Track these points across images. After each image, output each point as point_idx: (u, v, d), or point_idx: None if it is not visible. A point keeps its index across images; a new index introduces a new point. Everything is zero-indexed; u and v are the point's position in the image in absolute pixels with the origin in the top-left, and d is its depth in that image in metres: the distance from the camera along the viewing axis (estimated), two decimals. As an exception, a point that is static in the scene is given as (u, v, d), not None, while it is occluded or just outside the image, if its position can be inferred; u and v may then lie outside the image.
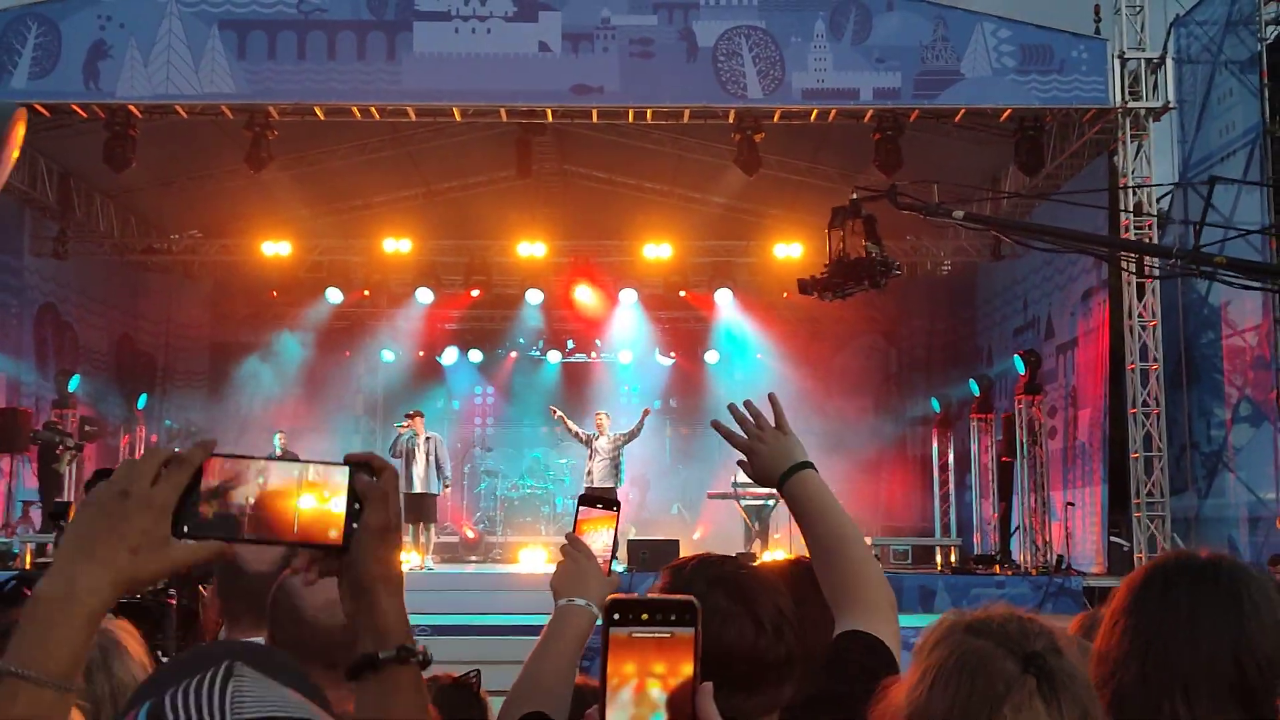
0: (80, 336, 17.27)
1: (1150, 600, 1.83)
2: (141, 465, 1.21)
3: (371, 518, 1.26)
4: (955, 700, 1.47)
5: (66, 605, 1.16)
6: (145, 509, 1.18)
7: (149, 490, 1.19)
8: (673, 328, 20.78)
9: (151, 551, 1.19)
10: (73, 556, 1.18)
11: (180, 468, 1.21)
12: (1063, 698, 1.46)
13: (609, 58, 13.15)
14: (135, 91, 13.11)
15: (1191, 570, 1.85)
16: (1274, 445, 13.00)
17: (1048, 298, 15.98)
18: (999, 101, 13.31)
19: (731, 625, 1.89)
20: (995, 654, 1.48)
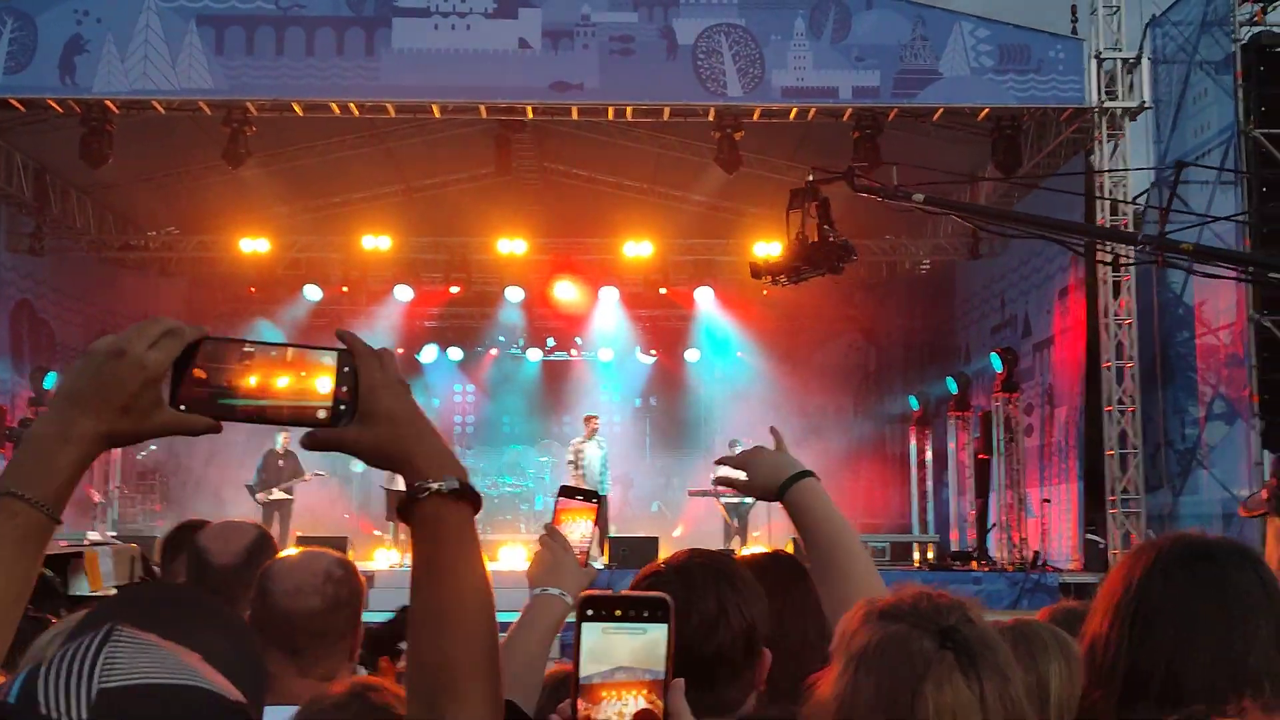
0: (56, 333, 17.16)
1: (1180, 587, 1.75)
2: (141, 330, 1.25)
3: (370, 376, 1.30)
4: (879, 685, 1.49)
5: (61, 444, 1.22)
6: (138, 371, 1.23)
7: (144, 353, 1.23)
8: (653, 325, 20.81)
9: (140, 413, 1.24)
10: (67, 403, 1.24)
11: (175, 339, 1.26)
12: (981, 666, 1.48)
13: (589, 55, 13.15)
14: (112, 87, 13.03)
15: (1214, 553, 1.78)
16: (1248, 442, 13.11)
17: (1025, 296, 16.07)
18: (977, 100, 13.37)
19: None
20: (911, 635, 1.50)
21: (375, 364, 1.31)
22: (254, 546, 2.89)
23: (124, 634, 1.01)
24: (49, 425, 1.25)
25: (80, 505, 17.19)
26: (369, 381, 1.30)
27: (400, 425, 1.32)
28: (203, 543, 2.92)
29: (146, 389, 1.24)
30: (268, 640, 2.36)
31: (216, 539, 2.94)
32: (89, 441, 1.24)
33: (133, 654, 0.99)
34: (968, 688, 1.47)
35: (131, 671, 0.96)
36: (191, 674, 1.00)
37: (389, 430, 1.31)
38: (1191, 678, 1.70)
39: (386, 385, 1.30)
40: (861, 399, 21.25)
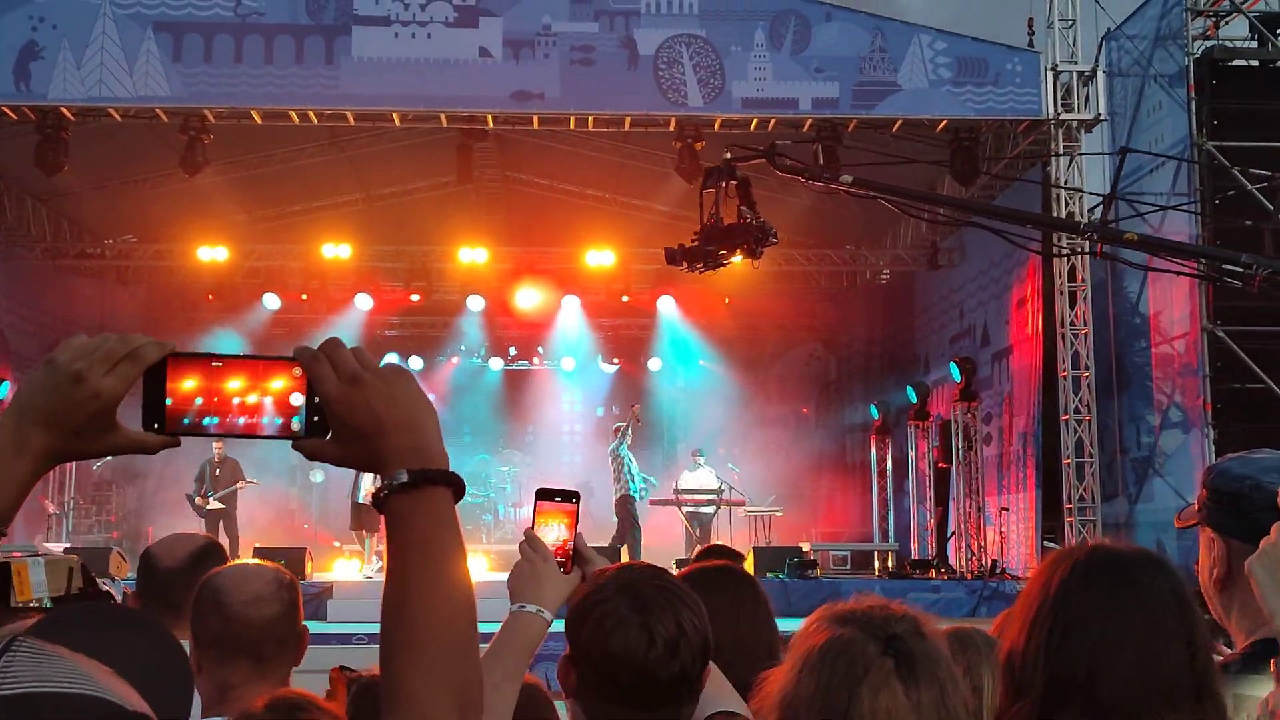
0: (11, 341, 16.93)
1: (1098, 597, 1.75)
2: (100, 352, 1.25)
3: (322, 389, 1.28)
4: (819, 684, 1.52)
5: (13, 458, 1.23)
6: (93, 399, 1.23)
7: (100, 380, 1.23)
8: (615, 334, 20.83)
9: (92, 436, 1.25)
10: (22, 417, 1.24)
11: (135, 364, 1.26)
12: (920, 676, 1.51)
13: (550, 64, 13.16)
14: (68, 94, 12.90)
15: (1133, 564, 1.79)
16: (1203, 451, 13.28)
17: (984, 306, 16.22)
18: (935, 112, 13.50)
19: (621, 632, 1.87)
20: (857, 639, 1.54)
21: (324, 373, 1.28)
22: (199, 554, 2.95)
23: (25, 644, 1.00)
24: (3, 436, 1.24)
25: (33, 515, 16.97)
26: (323, 396, 1.28)
27: (365, 439, 1.29)
28: (153, 549, 3.04)
29: (100, 416, 1.24)
30: (232, 650, 2.42)
31: (165, 545, 3.06)
32: (41, 457, 1.24)
33: (31, 663, 0.98)
34: (905, 695, 1.50)
35: (26, 679, 0.95)
36: (89, 683, 0.98)
37: (356, 444, 1.29)
38: (1110, 687, 1.70)
39: (338, 398, 1.27)
40: (822, 408, 21.36)
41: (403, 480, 1.27)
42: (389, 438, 1.28)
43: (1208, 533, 2.14)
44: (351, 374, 1.27)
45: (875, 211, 17.98)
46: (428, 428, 1.31)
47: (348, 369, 1.28)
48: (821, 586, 13.74)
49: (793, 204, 16.71)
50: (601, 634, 1.89)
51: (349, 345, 1.32)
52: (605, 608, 1.91)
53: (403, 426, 1.29)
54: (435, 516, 1.29)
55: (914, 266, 18.04)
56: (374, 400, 1.28)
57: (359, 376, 1.28)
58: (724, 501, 16.17)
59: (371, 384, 1.28)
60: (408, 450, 1.29)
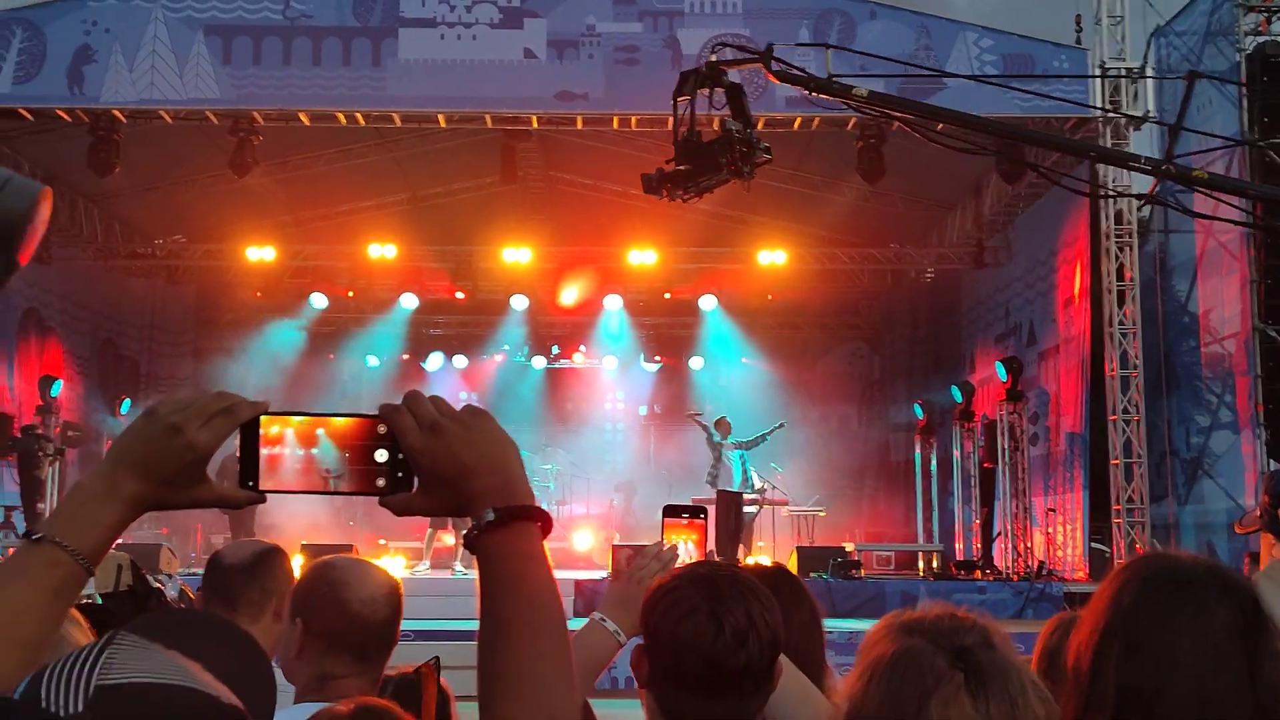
0: (63, 342, 17.21)
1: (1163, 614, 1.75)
2: (199, 408, 1.30)
3: (405, 440, 1.31)
4: (887, 695, 1.52)
5: (105, 502, 1.29)
6: (188, 450, 1.29)
7: (196, 433, 1.29)
8: (657, 333, 20.83)
9: (182, 487, 1.31)
10: (117, 465, 1.30)
11: (229, 418, 1.31)
12: (990, 691, 1.50)
13: (594, 65, 13.20)
14: (120, 96, 13.09)
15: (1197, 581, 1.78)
16: (1254, 452, 13.11)
17: (1030, 305, 16.08)
18: (981, 110, 13.35)
19: (691, 620, 1.91)
20: (926, 650, 1.53)
21: (405, 424, 1.32)
22: (261, 555, 3.13)
23: (127, 639, 1.05)
24: (98, 482, 1.30)
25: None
26: (406, 449, 1.31)
27: (452, 484, 1.32)
28: (221, 550, 3.25)
29: (193, 467, 1.30)
30: (340, 644, 2.52)
31: (233, 547, 3.27)
32: (131, 504, 1.30)
33: (133, 656, 1.03)
34: (973, 708, 1.49)
35: (129, 671, 1.01)
36: (189, 676, 1.03)
37: (442, 492, 1.33)
38: (1173, 706, 1.71)
39: (420, 449, 1.31)
40: (866, 407, 21.25)
41: (490, 518, 1.30)
42: (473, 480, 1.31)
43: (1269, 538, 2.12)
44: (431, 422, 1.31)
45: (920, 209, 17.93)
46: (511, 466, 1.35)
47: (427, 418, 1.31)
48: (865, 587, 13.69)
49: (836, 202, 16.66)
50: (671, 621, 1.92)
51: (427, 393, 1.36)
52: (677, 595, 1.95)
53: (485, 468, 1.32)
54: (524, 552, 1.31)
55: (959, 265, 17.91)
56: (455, 446, 1.31)
57: (439, 424, 1.31)
58: (767, 501, 16.13)
59: (451, 430, 1.31)
60: (493, 490, 1.32)
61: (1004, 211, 16.45)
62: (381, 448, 1.31)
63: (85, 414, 17.43)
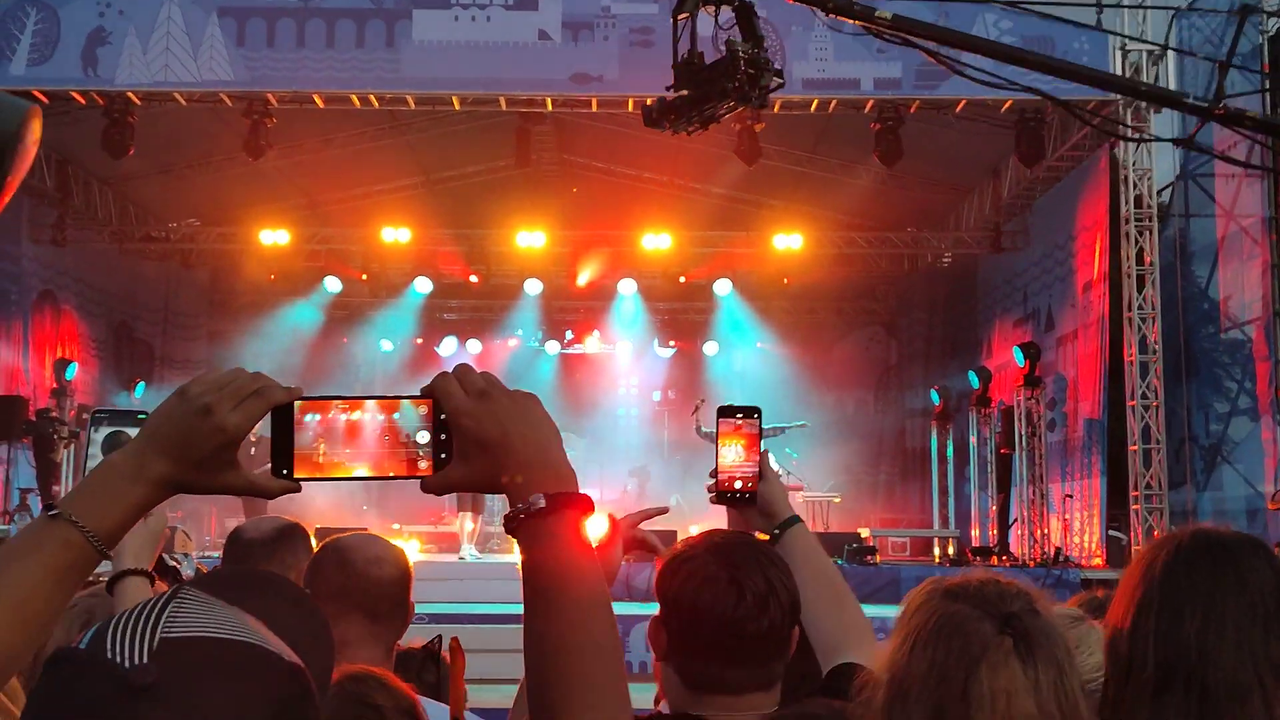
0: (78, 325, 17.25)
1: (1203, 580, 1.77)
2: (231, 388, 1.26)
3: (450, 403, 1.27)
4: (934, 662, 1.51)
5: (131, 483, 1.25)
6: (218, 433, 1.24)
7: (227, 415, 1.24)
8: (672, 318, 20.78)
9: (213, 471, 1.27)
10: (147, 445, 1.26)
11: (262, 400, 1.27)
12: (1038, 656, 1.50)
13: (609, 46, 13.11)
14: (134, 79, 13.07)
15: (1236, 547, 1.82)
16: (1274, 438, 13.00)
17: (1048, 290, 15.96)
18: (1000, 92, 13.24)
19: (710, 588, 1.91)
20: (972, 616, 1.52)
21: (453, 389, 1.28)
22: (282, 531, 3.19)
23: (191, 593, 1.04)
24: (125, 460, 1.26)
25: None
26: (451, 412, 1.27)
27: (491, 449, 1.27)
28: (242, 525, 3.33)
29: (223, 450, 1.26)
30: (350, 605, 2.52)
31: (253, 522, 3.35)
32: (158, 486, 1.26)
33: (197, 610, 1.02)
34: (1023, 674, 1.48)
35: (193, 624, 1.00)
36: (251, 633, 1.03)
37: (482, 460, 1.27)
38: (1217, 669, 1.72)
39: (466, 411, 1.26)
40: (882, 393, 21.16)
41: (540, 505, 1.25)
42: (515, 453, 1.27)
43: None
44: (480, 389, 1.28)
45: (938, 194, 17.81)
46: (556, 449, 1.31)
47: (475, 385, 1.28)
48: (881, 573, 13.64)
49: (853, 186, 16.56)
50: (691, 589, 1.93)
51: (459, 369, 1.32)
52: (695, 564, 1.95)
53: (531, 445, 1.28)
54: (571, 540, 1.27)
55: (976, 249, 17.80)
56: (502, 414, 1.27)
57: (487, 392, 1.28)
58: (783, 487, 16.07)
59: (499, 400, 1.28)
60: (537, 468, 1.27)
61: (1022, 195, 16.32)
62: (423, 429, 1.27)
63: (100, 397, 17.47)
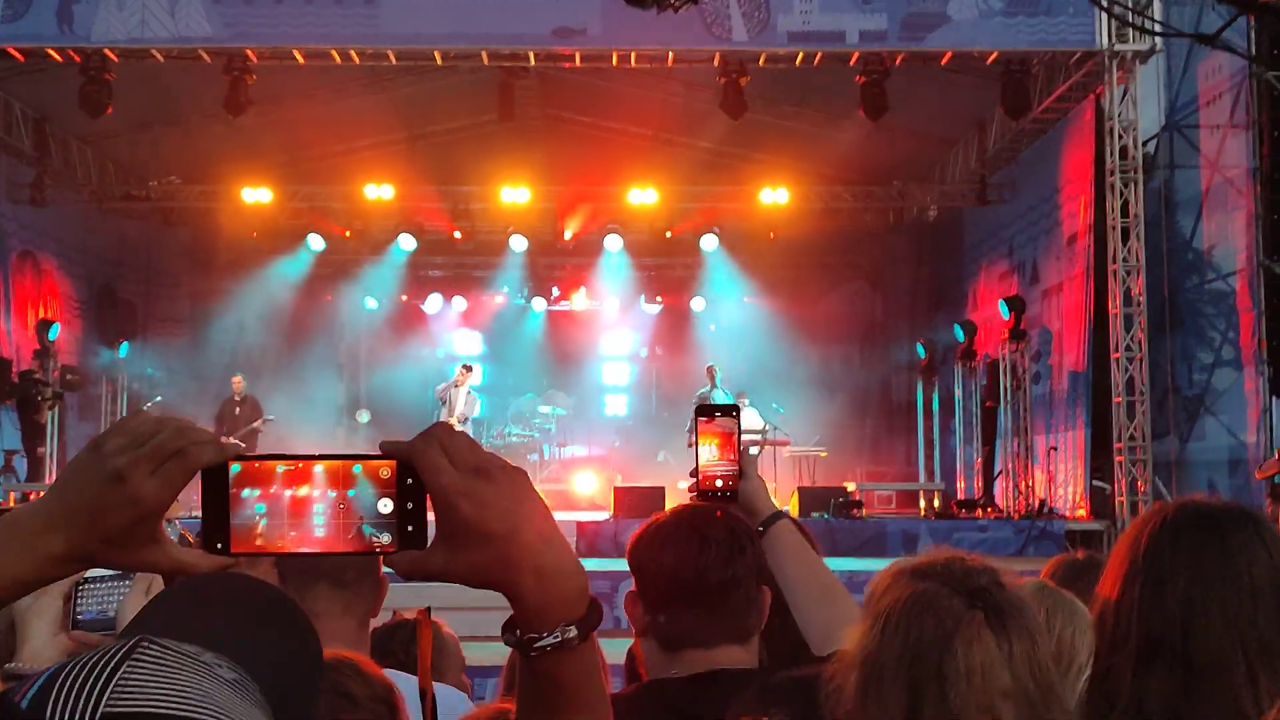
0: (59, 285, 17.13)
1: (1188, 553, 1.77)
2: (151, 447, 1.05)
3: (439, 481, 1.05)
4: (908, 640, 1.51)
5: (21, 555, 1.06)
6: (131, 505, 1.04)
7: (143, 483, 1.04)
8: (658, 274, 20.75)
9: (127, 547, 1.06)
10: (52, 508, 1.06)
11: (181, 465, 1.06)
12: (1010, 627, 1.51)
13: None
14: (110, 35, 12.89)
15: (1224, 519, 1.81)
16: (1257, 389, 13.08)
17: (1033, 243, 15.97)
18: (986, 44, 13.19)
19: (673, 545, 2.00)
20: (942, 593, 1.53)
21: (439, 462, 1.04)
22: None
23: (151, 650, 0.93)
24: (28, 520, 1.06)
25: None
26: (438, 490, 1.04)
27: (496, 543, 1.05)
28: None
29: (139, 525, 1.05)
30: (314, 575, 2.42)
31: None
32: (56, 562, 1.05)
33: (152, 676, 0.91)
34: (997, 646, 1.49)
35: (142, 697, 0.89)
36: (210, 707, 0.90)
37: (482, 553, 1.05)
38: (1202, 641, 1.72)
39: (463, 493, 1.04)
40: (868, 346, 21.22)
41: (572, 636, 1.07)
42: (530, 554, 1.06)
43: None
44: (476, 465, 1.05)
45: (923, 147, 17.75)
46: (566, 544, 1.10)
47: (468, 459, 1.05)
48: (867, 526, 13.74)
49: (839, 139, 16.48)
50: (657, 545, 2.03)
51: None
52: (662, 524, 2.07)
53: (547, 542, 1.07)
54: (587, 666, 1.11)
55: (962, 203, 17.78)
56: (508, 502, 1.05)
57: (488, 471, 1.05)
58: (769, 442, 16.15)
59: (502, 483, 1.06)
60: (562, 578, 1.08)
61: (1007, 148, 16.29)
62: (386, 497, 1.07)
63: (84, 357, 17.39)
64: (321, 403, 19.53)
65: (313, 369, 19.23)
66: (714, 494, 2.17)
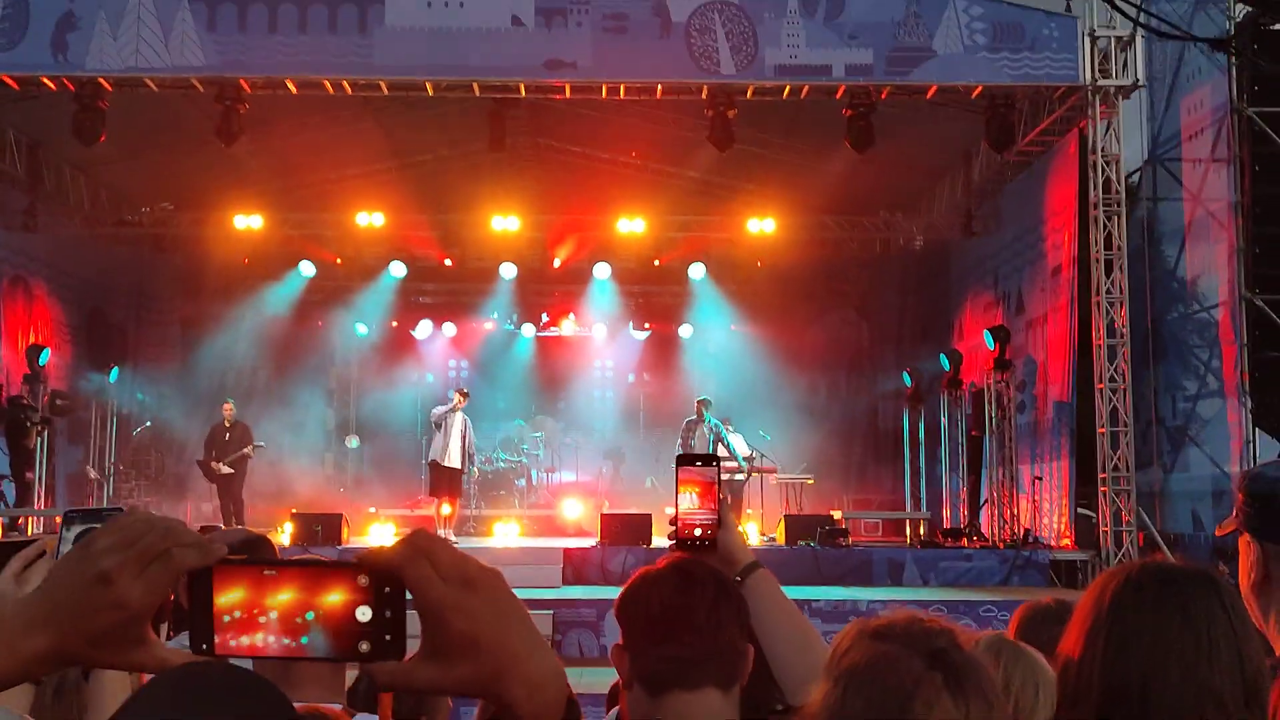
0: (51, 310, 17.16)
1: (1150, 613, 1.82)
2: (137, 549, 1.06)
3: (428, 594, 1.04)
4: (868, 702, 1.54)
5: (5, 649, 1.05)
6: (117, 608, 1.05)
7: (129, 587, 1.05)
8: (647, 301, 20.84)
9: (113, 649, 1.07)
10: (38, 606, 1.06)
11: (166, 568, 1.06)
12: (968, 689, 1.54)
13: (582, 33, 13.12)
14: (105, 64, 12.99)
15: (1184, 581, 1.86)
16: (1239, 420, 13.20)
17: (1018, 273, 16.11)
18: (971, 79, 13.36)
19: (659, 586, 2.05)
20: (902, 655, 1.56)
21: (428, 575, 1.03)
22: (250, 543, 3.16)
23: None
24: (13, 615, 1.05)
25: (76, 482, 17.25)
26: (430, 604, 1.03)
27: (487, 655, 1.04)
28: (211, 535, 3.18)
29: (124, 627, 1.05)
30: None
31: (221, 534, 3.36)
32: (36, 663, 1.04)
33: None
34: (954, 709, 1.52)
35: None
36: None
37: (474, 666, 1.04)
38: (1161, 697, 1.77)
39: (452, 605, 1.03)
40: (855, 374, 21.31)
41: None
42: (517, 665, 1.05)
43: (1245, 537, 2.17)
44: (462, 577, 1.04)
45: (909, 178, 17.91)
46: (547, 647, 1.09)
47: (455, 570, 1.04)
48: (853, 555, 13.79)
49: (826, 170, 16.63)
50: (643, 593, 2.07)
51: None
52: (649, 576, 2.10)
53: (531, 649, 1.06)
54: None
55: (948, 234, 17.93)
56: (495, 612, 1.05)
57: (474, 581, 1.04)
58: (755, 469, 16.22)
59: (486, 592, 1.05)
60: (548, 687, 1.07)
61: (993, 180, 16.46)
62: (364, 604, 1.08)
63: (74, 382, 17.41)
64: (311, 428, 19.56)
65: (303, 395, 19.27)
66: (693, 543, 2.18)
